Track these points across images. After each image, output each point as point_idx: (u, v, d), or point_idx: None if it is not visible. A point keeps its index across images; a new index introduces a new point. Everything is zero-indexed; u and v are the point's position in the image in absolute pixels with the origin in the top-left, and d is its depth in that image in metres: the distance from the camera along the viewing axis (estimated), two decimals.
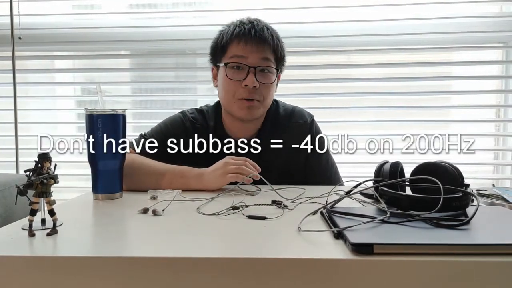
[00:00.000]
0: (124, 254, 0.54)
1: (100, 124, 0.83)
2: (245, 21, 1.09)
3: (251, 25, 1.08)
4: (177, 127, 1.15)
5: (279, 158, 1.10)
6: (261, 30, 1.07)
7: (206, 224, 0.67)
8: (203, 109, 1.20)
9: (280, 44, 1.11)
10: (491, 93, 1.80)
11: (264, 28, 1.08)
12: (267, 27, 1.09)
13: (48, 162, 0.61)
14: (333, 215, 0.64)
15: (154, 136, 1.11)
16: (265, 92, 1.07)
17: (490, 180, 1.77)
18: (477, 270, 0.50)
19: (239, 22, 1.10)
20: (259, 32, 1.06)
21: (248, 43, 1.05)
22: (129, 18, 1.86)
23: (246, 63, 1.05)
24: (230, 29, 1.09)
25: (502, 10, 1.76)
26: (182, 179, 0.95)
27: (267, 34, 1.07)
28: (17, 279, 0.52)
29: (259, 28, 1.07)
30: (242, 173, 0.92)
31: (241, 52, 1.05)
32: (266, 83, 1.07)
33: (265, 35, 1.06)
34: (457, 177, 0.72)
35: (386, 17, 1.70)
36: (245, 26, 1.07)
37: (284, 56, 1.13)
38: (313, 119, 1.19)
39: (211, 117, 1.17)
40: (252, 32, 1.06)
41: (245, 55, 1.05)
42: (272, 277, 0.50)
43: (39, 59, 1.91)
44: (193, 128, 1.14)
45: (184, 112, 1.19)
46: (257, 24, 1.08)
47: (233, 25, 1.10)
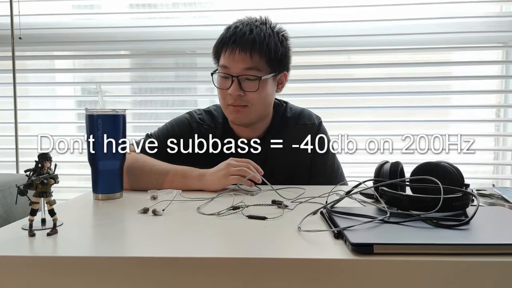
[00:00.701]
0: (124, 254, 0.55)
1: (100, 124, 0.83)
2: (238, 24, 1.08)
3: (234, 31, 1.06)
4: (183, 128, 1.15)
5: (285, 159, 1.11)
6: (242, 36, 1.05)
7: (206, 224, 0.67)
8: (211, 110, 1.21)
9: (274, 44, 1.07)
10: (491, 93, 1.80)
11: (247, 32, 1.05)
12: (254, 30, 1.06)
13: (48, 162, 0.61)
14: (333, 215, 0.64)
15: (159, 136, 1.12)
16: (251, 98, 1.07)
17: (490, 180, 1.77)
18: (477, 270, 0.50)
19: (233, 25, 1.09)
20: (240, 39, 1.04)
21: (231, 53, 1.05)
22: (129, 18, 1.86)
23: (229, 72, 1.06)
24: (223, 33, 1.09)
25: (502, 10, 1.76)
26: (184, 179, 0.95)
27: (250, 39, 1.04)
28: (17, 279, 0.52)
29: (241, 33, 1.05)
30: (245, 176, 0.92)
31: (225, 62, 1.06)
32: (250, 91, 1.06)
33: (245, 41, 1.04)
34: (457, 177, 0.72)
35: (386, 17, 1.70)
36: (231, 31, 1.06)
37: (286, 54, 1.11)
38: (320, 121, 1.19)
39: (221, 115, 1.17)
40: (231, 40, 1.05)
41: (228, 65, 1.06)
42: (272, 277, 0.50)
43: (39, 59, 1.91)
44: (200, 130, 1.15)
45: (191, 112, 1.19)
46: (240, 29, 1.06)
47: (228, 28, 1.09)
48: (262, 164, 0.98)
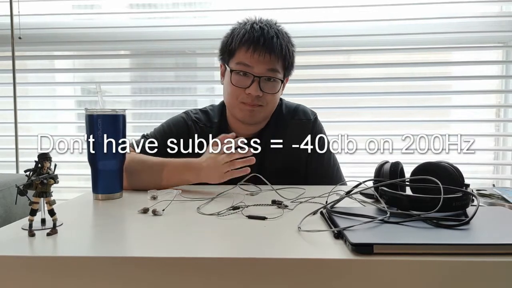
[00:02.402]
0: (124, 254, 0.55)
1: (100, 124, 0.83)
2: (256, 26, 1.07)
3: (261, 31, 1.06)
4: (179, 127, 1.15)
5: (281, 156, 1.11)
6: (271, 39, 1.05)
7: (206, 224, 0.67)
8: (207, 109, 1.21)
9: (290, 52, 1.10)
10: (491, 93, 1.80)
11: (274, 36, 1.06)
12: (278, 34, 1.07)
13: (48, 162, 0.61)
14: (333, 215, 0.64)
15: (156, 137, 1.12)
16: (269, 99, 1.08)
17: (490, 180, 1.77)
18: (477, 270, 0.50)
19: (249, 25, 1.08)
20: (268, 41, 1.05)
21: (256, 52, 1.04)
22: (129, 18, 1.86)
23: (251, 72, 1.05)
24: (240, 32, 1.08)
25: (502, 10, 1.76)
26: (180, 175, 0.95)
27: (277, 43, 1.06)
28: (17, 279, 0.52)
29: (269, 36, 1.05)
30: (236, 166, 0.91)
31: (247, 60, 1.05)
32: (269, 93, 1.07)
33: (273, 44, 1.05)
34: (457, 177, 0.72)
35: (386, 17, 1.70)
36: (254, 33, 1.06)
37: (293, 62, 1.13)
38: (316, 117, 1.20)
39: (216, 115, 1.18)
40: (261, 41, 1.04)
41: (251, 65, 1.05)
42: (272, 277, 0.50)
43: (39, 59, 1.91)
44: (196, 128, 1.15)
45: (187, 112, 1.20)
46: (267, 31, 1.06)
47: (244, 28, 1.08)
48: (259, 161, 0.97)
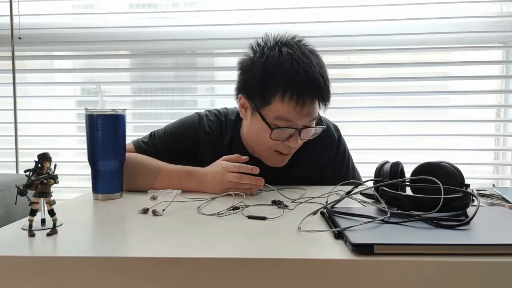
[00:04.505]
0: (124, 254, 0.54)
1: (100, 124, 0.83)
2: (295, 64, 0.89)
3: (305, 74, 0.89)
4: (189, 136, 1.06)
5: (301, 174, 1.05)
6: (318, 87, 0.90)
7: (206, 224, 0.67)
8: (222, 121, 1.09)
9: (329, 85, 0.95)
10: (491, 93, 1.80)
11: (320, 78, 0.90)
12: (321, 72, 0.92)
13: (48, 162, 0.61)
14: (333, 215, 0.64)
15: (163, 139, 1.06)
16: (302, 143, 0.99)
17: (490, 180, 1.77)
18: (478, 270, 0.50)
19: (288, 61, 0.90)
20: (315, 89, 0.90)
21: (302, 108, 0.90)
22: (129, 18, 1.86)
23: (294, 126, 0.92)
24: (277, 72, 0.90)
25: (502, 10, 1.76)
26: (177, 180, 0.93)
27: (324, 89, 0.91)
28: (17, 279, 0.52)
29: (316, 83, 0.90)
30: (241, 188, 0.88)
31: (291, 116, 0.91)
32: (308, 139, 0.98)
33: (322, 91, 0.91)
34: (457, 177, 0.72)
35: (386, 17, 1.70)
36: (297, 77, 0.89)
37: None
38: (339, 134, 1.13)
39: (229, 131, 1.07)
40: (307, 90, 0.89)
41: (294, 120, 0.92)
42: (272, 277, 0.50)
43: (39, 59, 1.91)
44: (206, 141, 1.05)
45: (202, 117, 1.08)
46: (311, 72, 0.89)
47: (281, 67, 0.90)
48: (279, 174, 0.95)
